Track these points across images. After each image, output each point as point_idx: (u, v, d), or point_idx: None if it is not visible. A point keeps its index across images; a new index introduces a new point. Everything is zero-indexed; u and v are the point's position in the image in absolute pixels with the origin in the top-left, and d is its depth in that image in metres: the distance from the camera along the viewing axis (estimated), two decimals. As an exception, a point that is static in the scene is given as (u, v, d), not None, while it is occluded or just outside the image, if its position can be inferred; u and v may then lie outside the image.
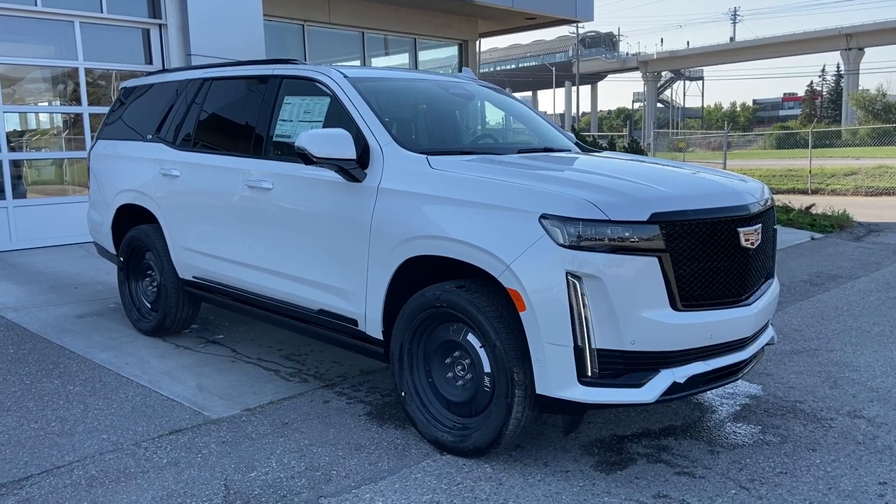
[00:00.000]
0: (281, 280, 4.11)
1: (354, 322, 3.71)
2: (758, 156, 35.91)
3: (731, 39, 75.61)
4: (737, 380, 3.40)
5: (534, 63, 77.36)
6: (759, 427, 3.64)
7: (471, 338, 3.22)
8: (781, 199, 12.71)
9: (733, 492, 2.98)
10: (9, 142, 8.44)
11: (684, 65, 70.65)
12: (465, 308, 3.13)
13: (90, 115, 8.75)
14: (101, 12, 8.66)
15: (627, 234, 2.90)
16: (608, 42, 77.75)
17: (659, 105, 74.81)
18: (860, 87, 53.06)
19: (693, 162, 21.92)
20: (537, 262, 2.93)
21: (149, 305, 5.29)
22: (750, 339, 3.34)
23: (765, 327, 3.59)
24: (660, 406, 3.79)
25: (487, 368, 3.16)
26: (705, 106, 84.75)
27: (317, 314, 3.91)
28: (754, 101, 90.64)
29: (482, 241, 3.08)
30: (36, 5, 8.16)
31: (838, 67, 64.64)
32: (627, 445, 3.42)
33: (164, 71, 5.83)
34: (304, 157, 3.57)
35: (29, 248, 8.18)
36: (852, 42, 55.89)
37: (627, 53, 76.54)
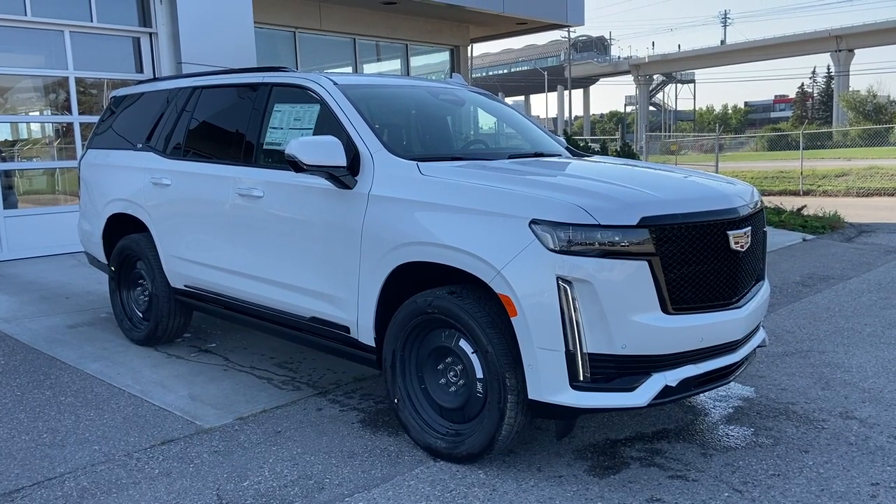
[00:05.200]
0: (273, 288, 4.10)
1: (346, 329, 3.70)
2: (749, 158, 36.03)
3: (722, 42, 75.95)
4: (729, 382, 3.41)
5: (526, 67, 77.54)
6: (752, 429, 3.64)
7: (463, 344, 3.22)
8: (773, 201, 12.77)
9: (726, 494, 2.99)
10: (-1, 152, 8.42)
11: (676, 68, 70.93)
12: (456, 314, 3.14)
13: (81, 124, 8.73)
14: (91, 21, 8.64)
15: (617, 239, 2.90)
16: (600, 46, 78.00)
17: (651, 108, 75.05)
18: (851, 89, 53.33)
19: (685, 165, 22.00)
20: (528, 267, 2.93)
21: (140, 315, 5.28)
22: (741, 341, 3.34)
23: (756, 329, 3.60)
24: (652, 409, 3.80)
25: (480, 374, 3.15)
26: (697, 108, 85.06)
27: (309, 322, 3.91)
28: (746, 104, 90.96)
29: (473, 246, 3.09)
30: (26, 15, 8.14)
31: (829, 69, 64.97)
32: (621, 449, 3.43)
33: (154, 79, 5.82)
34: (295, 165, 3.57)
35: (20, 259, 8.13)
36: (842, 44, 56.20)
37: (619, 57, 76.84)
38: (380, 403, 4.02)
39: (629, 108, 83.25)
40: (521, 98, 79.06)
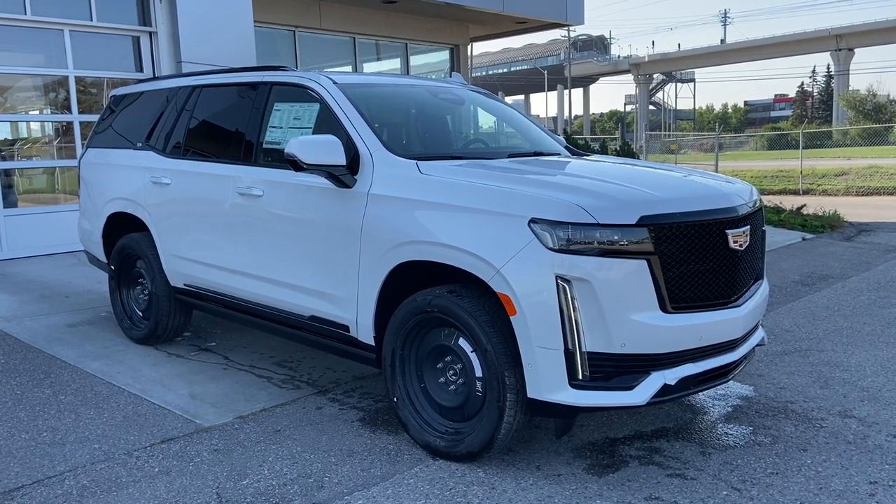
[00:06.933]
0: (272, 287, 4.10)
1: (346, 328, 3.71)
2: (749, 157, 36.04)
3: (722, 41, 75.94)
4: (728, 381, 3.41)
5: (526, 66, 77.51)
6: (751, 428, 3.65)
7: (462, 342, 3.22)
8: (773, 200, 12.77)
9: (725, 493, 2.99)
10: (-1, 151, 8.42)
11: (676, 67, 70.90)
12: (456, 313, 3.14)
13: (81, 123, 8.73)
14: (91, 20, 8.64)
15: (616, 238, 2.91)
16: (600, 45, 77.95)
17: (651, 107, 75.01)
18: (850, 88, 53.31)
19: (685, 164, 21.99)
20: (527, 266, 2.94)
21: (140, 314, 5.28)
22: (740, 340, 3.35)
23: (755, 328, 3.61)
24: (651, 408, 3.80)
25: (479, 373, 3.16)
26: (697, 108, 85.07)
27: (308, 320, 3.91)
28: (746, 103, 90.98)
29: (472, 245, 3.09)
30: (25, 14, 8.14)
31: (828, 68, 64.95)
32: (619, 448, 3.43)
33: (154, 79, 5.82)
34: (294, 164, 3.58)
35: (20, 258, 8.14)
36: (842, 43, 56.19)
37: (619, 56, 76.77)
38: (379, 402, 4.03)
39: (629, 108, 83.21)
40: (521, 97, 79.04)
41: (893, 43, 56.04)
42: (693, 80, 79.79)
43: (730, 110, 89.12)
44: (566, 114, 68.50)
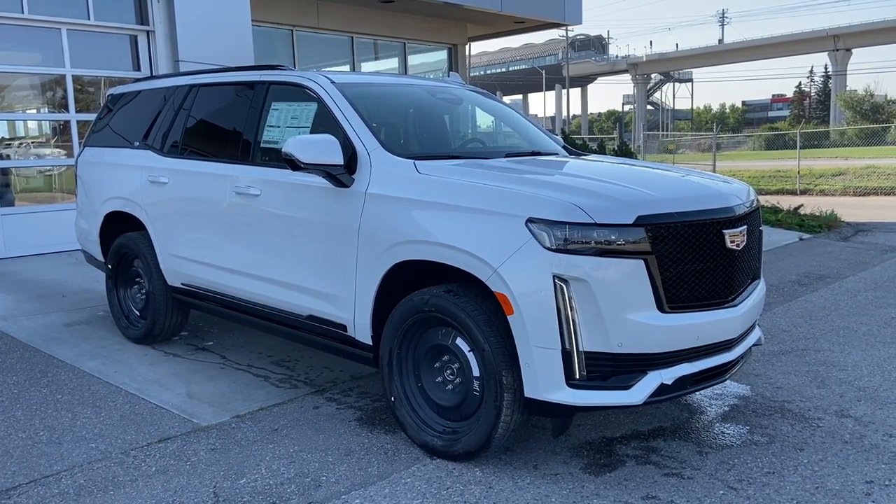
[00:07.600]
0: (270, 286, 4.10)
1: (343, 327, 3.71)
2: (747, 157, 36.08)
3: (720, 42, 76.00)
4: (725, 381, 3.42)
5: (524, 66, 77.52)
6: (748, 427, 3.66)
7: (460, 342, 3.23)
8: (770, 200, 12.79)
9: (721, 492, 3.00)
10: (-4, 149, 8.40)
11: (673, 67, 70.97)
12: (453, 312, 3.14)
13: (78, 121, 8.72)
14: (89, 19, 8.63)
15: (613, 237, 2.91)
16: (598, 45, 77.98)
17: (649, 107, 75.03)
18: (848, 88, 53.39)
19: (683, 164, 22.00)
20: (524, 265, 2.94)
21: (138, 313, 5.28)
22: (737, 339, 3.36)
23: (752, 328, 3.62)
24: (649, 407, 3.81)
25: (476, 372, 3.16)
26: (695, 108, 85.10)
27: (306, 320, 3.91)
28: (743, 103, 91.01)
29: (470, 245, 3.10)
30: (23, 12, 8.13)
31: (826, 68, 65.04)
32: (616, 447, 3.44)
33: (151, 77, 5.82)
34: (292, 163, 3.58)
35: (17, 257, 8.13)
36: (839, 43, 56.28)
37: (617, 56, 76.79)
38: (377, 402, 4.03)
39: (627, 108, 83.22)
40: (519, 97, 79.01)
41: (891, 43, 56.18)
42: (691, 80, 79.83)
43: (727, 110, 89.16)
44: (564, 113, 68.50)
